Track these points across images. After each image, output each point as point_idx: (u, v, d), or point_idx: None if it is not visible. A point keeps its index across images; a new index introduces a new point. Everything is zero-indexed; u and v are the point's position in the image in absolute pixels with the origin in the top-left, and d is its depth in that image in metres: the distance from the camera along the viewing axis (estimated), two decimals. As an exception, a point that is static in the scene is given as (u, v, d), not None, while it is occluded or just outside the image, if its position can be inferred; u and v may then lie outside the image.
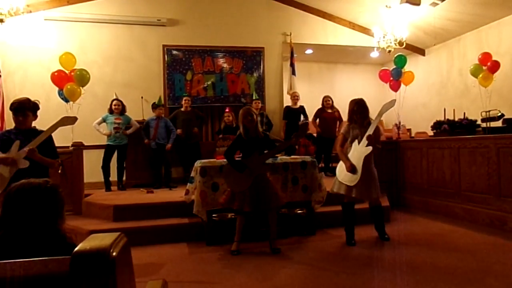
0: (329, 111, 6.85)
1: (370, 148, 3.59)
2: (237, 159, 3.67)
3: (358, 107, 3.77)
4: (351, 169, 3.63)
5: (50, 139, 3.03)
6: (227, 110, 6.65)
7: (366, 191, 3.68)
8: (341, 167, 3.79)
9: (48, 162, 2.95)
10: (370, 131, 3.61)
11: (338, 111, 6.92)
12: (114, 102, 5.88)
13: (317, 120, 6.93)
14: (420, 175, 5.28)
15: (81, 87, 5.66)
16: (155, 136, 6.00)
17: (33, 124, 3.09)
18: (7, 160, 2.78)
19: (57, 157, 3.07)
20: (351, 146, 3.76)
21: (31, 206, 1.34)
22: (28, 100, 2.98)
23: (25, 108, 2.93)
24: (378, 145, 3.73)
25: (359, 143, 3.67)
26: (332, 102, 6.92)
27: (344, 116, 6.79)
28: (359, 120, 3.77)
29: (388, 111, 3.81)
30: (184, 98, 6.59)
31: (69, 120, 3.10)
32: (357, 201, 3.84)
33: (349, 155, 3.71)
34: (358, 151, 3.66)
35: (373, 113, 3.89)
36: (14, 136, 2.92)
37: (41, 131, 3.00)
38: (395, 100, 3.79)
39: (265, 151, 3.63)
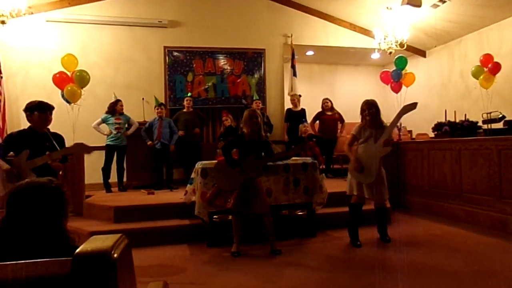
0: (329, 113, 6.84)
1: (389, 149, 3.63)
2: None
3: (366, 107, 3.75)
4: (359, 168, 3.63)
5: (64, 144, 3.09)
6: (224, 114, 6.67)
7: (378, 192, 3.69)
8: (351, 167, 3.77)
9: (59, 167, 2.99)
10: (386, 135, 3.61)
11: (338, 113, 6.91)
12: (120, 103, 5.93)
13: (317, 122, 6.93)
14: (421, 177, 5.27)
15: (81, 88, 5.68)
16: (159, 136, 6.00)
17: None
18: (12, 173, 2.74)
19: (66, 161, 3.12)
20: (361, 145, 3.75)
21: (36, 205, 1.33)
22: None
23: (52, 109, 3.01)
24: (389, 146, 3.75)
25: (374, 143, 3.66)
26: (332, 104, 6.91)
27: (346, 117, 6.87)
28: (369, 121, 3.75)
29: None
30: (186, 98, 6.61)
31: (83, 149, 3.09)
32: (364, 202, 3.84)
33: (359, 155, 3.71)
34: (374, 151, 3.64)
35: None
36: (27, 138, 2.91)
37: (54, 133, 3.04)
38: (416, 103, 3.63)
39: (262, 155, 3.64)
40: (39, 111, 2.92)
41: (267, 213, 3.61)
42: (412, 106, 3.63)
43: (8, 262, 1.00)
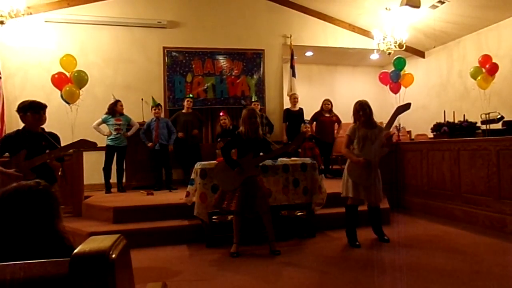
0: (327, 115, 6.84)
1: (386, 150, 3.66)
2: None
3: (361, 108, 3.76)
4: (367, 164, 3.60)
5: (60, 143, 3.07)
6: (222, 113, 6.65)
7: (374, 193, 3.69)
8: (350, 168, 3.75)
9: (56, 166, 3.01)
10: (383, 138, 3.61)
11: (336, 116, 6.92)
12: (120, 103, 5.92)
13: (314, 123, 6.93)
14: (420, 177, 5.28)
15: (79, 89, 5.67)
16: (157, 137, 6.00)
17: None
18: (11, 175, 2.72)
19: (63, 161, 3.11)
20: (357, 146, 3.74)
21: (24, 209, 1.31)
22: None
23: (45, 108, 3.00)
24: (387, 148, 3.76)
25: (371, 143, 3.65)
26: (332, 106, 6.91)
27: (344, 119, 6.86)
28: (363, 121, 3.75)
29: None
30: (187, 99, 6.60)
31: (87, 144, 3.03)
32: (360, 203, 3.83)
33: (358, 155, 3.70)
34: (372, 152, 3.64)
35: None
36: (23, 139, 2.90)
37: (49, 132, 3.02)
38: (410, 103, 3.69)
39: (261, 154, 3.64)
40: (31, 111, 2.91)
41: (267, 212, 3.62)
42: (406, 107, 3.64)
43: (5, 263, 1.00)
